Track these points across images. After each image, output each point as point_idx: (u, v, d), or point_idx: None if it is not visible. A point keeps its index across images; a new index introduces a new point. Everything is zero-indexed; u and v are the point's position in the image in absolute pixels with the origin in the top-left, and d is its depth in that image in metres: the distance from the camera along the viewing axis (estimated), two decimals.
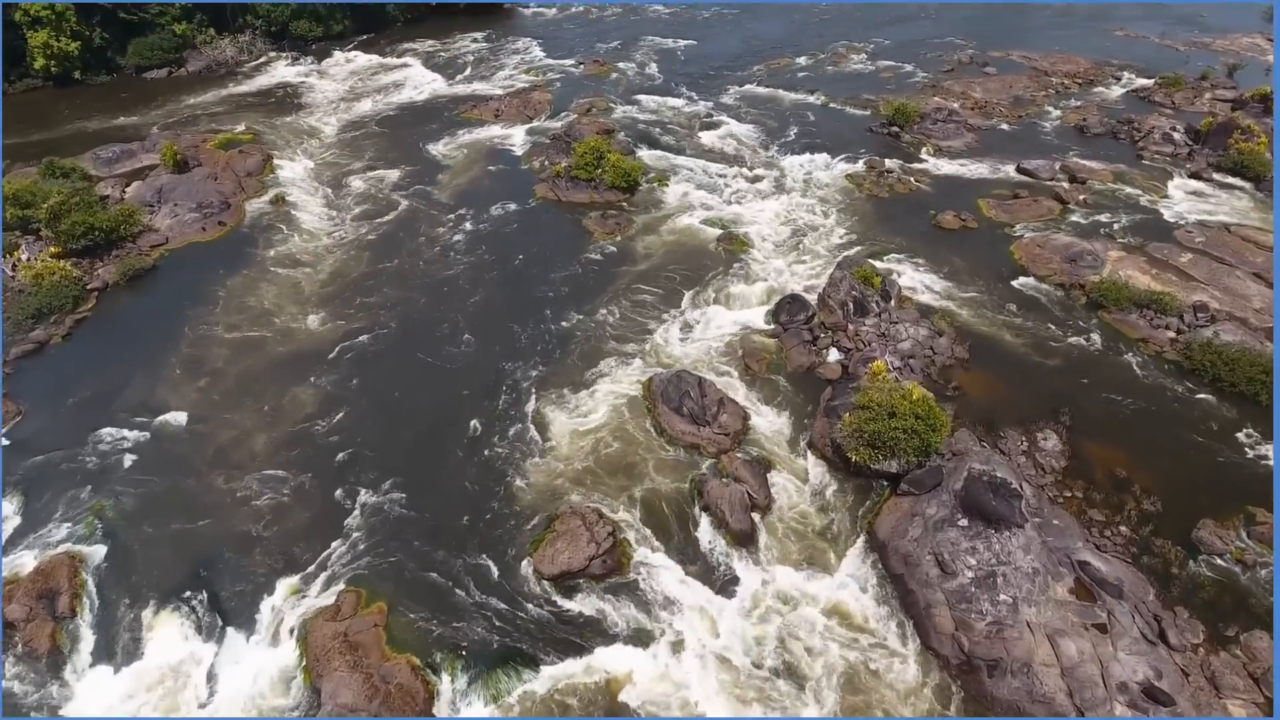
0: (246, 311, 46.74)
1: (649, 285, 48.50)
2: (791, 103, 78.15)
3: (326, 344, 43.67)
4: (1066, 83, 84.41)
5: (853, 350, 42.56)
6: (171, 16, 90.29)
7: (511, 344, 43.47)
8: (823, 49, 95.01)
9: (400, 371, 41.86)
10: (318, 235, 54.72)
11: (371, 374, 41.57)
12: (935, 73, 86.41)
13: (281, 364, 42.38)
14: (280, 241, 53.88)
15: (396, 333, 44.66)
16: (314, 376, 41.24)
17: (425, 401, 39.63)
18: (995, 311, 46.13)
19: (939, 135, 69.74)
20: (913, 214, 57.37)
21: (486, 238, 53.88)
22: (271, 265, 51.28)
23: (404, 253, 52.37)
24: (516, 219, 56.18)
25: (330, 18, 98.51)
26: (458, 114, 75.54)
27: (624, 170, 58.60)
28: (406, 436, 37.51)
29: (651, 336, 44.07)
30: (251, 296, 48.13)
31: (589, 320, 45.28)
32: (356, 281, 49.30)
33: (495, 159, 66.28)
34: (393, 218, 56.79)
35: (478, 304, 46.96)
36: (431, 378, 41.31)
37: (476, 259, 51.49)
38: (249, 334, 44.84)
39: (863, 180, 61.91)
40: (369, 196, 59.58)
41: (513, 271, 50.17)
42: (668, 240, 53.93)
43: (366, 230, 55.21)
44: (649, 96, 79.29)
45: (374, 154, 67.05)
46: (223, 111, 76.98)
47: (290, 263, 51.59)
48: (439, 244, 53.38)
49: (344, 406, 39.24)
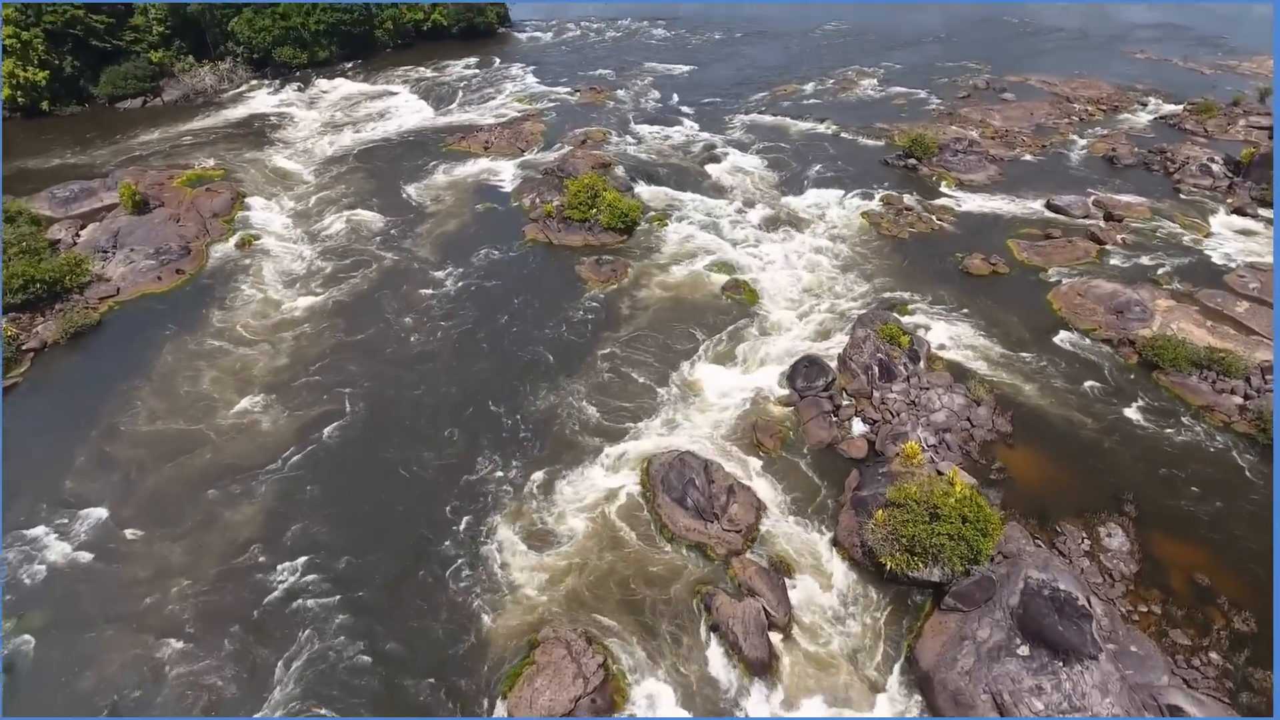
0: (180, 400, 39.36)
1: (648, 343, 43.42)
2: (800, 132, 73.51)
3: (276, 444, 36.60)
4: (1090, 109, 79.79)
5: (880, 422, 37.41)
6: (148, 44, 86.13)
7: (494, 432, 37.16)
8: (831, 74, 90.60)
9: (363, 480, 34.54)
10: (280, 291, 49.05)
11: (327, 482, 34.48)
12: (950, 99, 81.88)
13: (217, 471, 35.06)
14: (238, 300, 48.04)
15: (360, 426, 37.60)
16: (258, 486, 34.34)
17: (391, 517, 32.63)
18: (1037, 374, 41.00)
19: (960, 168, 64.96)
20: (936, 257, 52.42)
21: (469, 294, 48.40)
22: (222, 334, 44.46)
23: (375, 318, 46.08)
24: (503, 268, 51.17)
25: (315, 44, 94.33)
26: (445, 146, 70.94)
27: (621, 210, 53.78)
28: (367, 563, 30.69)
29: (650, 407, 38.89)
30: (193, 375, 41.02)
31: (580, 392, 39.87)
32: (318, 358, 42.40)
33: (483, 196, 61.51)
34: (366, 270, 51.18)
35: (457, 381, 40.73)
36: (400, 486, 34.24)
37: (458, 321, 45.68)
38: (185, 427, 37.62)
39: (880, 218, 57.02)
40: (343, 242, 54.52)
41: (498, 334, 44.48)
42: (669, 289, 48.96)
43: (336, 286, 49.39)
44: (648, 126, 74.72)
45: (353, 191, 62.31)
46: (195, 144, 72.43)
47: (243, 334, 44.52)
48: (415, 305, 47.30)
49: (292, 526, 32.27)
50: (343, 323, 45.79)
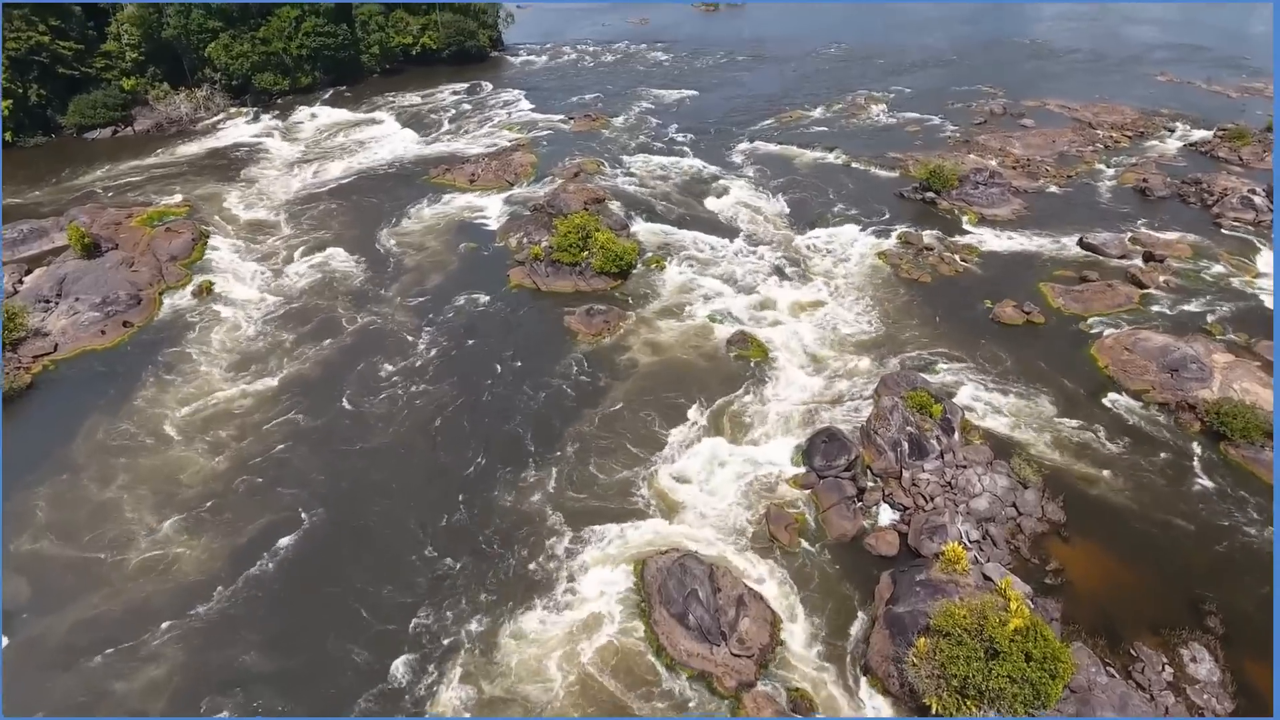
0: (83, 515, 32.40)
1: (642, 413, 38.33)
2: (808, 162, 68.86)
3: (199, 583, 29.45)
4: (1115, 135, 75.16)
5: (912, 510, 32.31)
6: (120, 70, 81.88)
7: (465, 546, 30.89)
8: (838, 98, 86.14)
9: (306, 624, 27.94)
10: (228, 361, 42.49)
11: (262, 630, 27.71)
12: (966, 125, 77.30)
13: (113, 627, 27.85)
14: (179, 373, 41.55)
15: (310, 547, 31.03)
16: (169, 645, 27.24)
17: (339, 677, 26.27)
18: (1088, 447, 35.93)
19: (981, 201, 60.17)
20: (964, 304, 47.51)
21: (446, 359, 42.65)
22: (153, 422, 37.57)
23: (337, 396, 39.49)
24: (484, 322, 46.06)
25: (298, 70, 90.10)
26: (429, 179, 66.30)
27: (615, 253, 48.95)
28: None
29: (644, 491, 33.77)
30: (106, 477, 34.23)
31: (564, 472, 34.70)
32: (265, 453, 35.77)
33: (466, 235, 56.73)
34: (329, 333, 44.81)
35: (425, 474, 34.66)
36: (352, 628, 27.77)
37: (431, 397, 39.61)
38: (80, 555, 30.56)
39: (899, 259, 52.15)
40: (309, 292, 49.23)
41: (476, 410, 38.65)
42: (667, 343, 44.02)
43: (293, 356, 42.91)
44: (646, 156, 70.12)
45: (326, 230, 57.57)
46: (163, 177, 67.87)
47: (177, 425, 37.45)
48: (384, 378, 40.92)
49: (206, 698, 25.61)
50: (298, 405, 39.12)
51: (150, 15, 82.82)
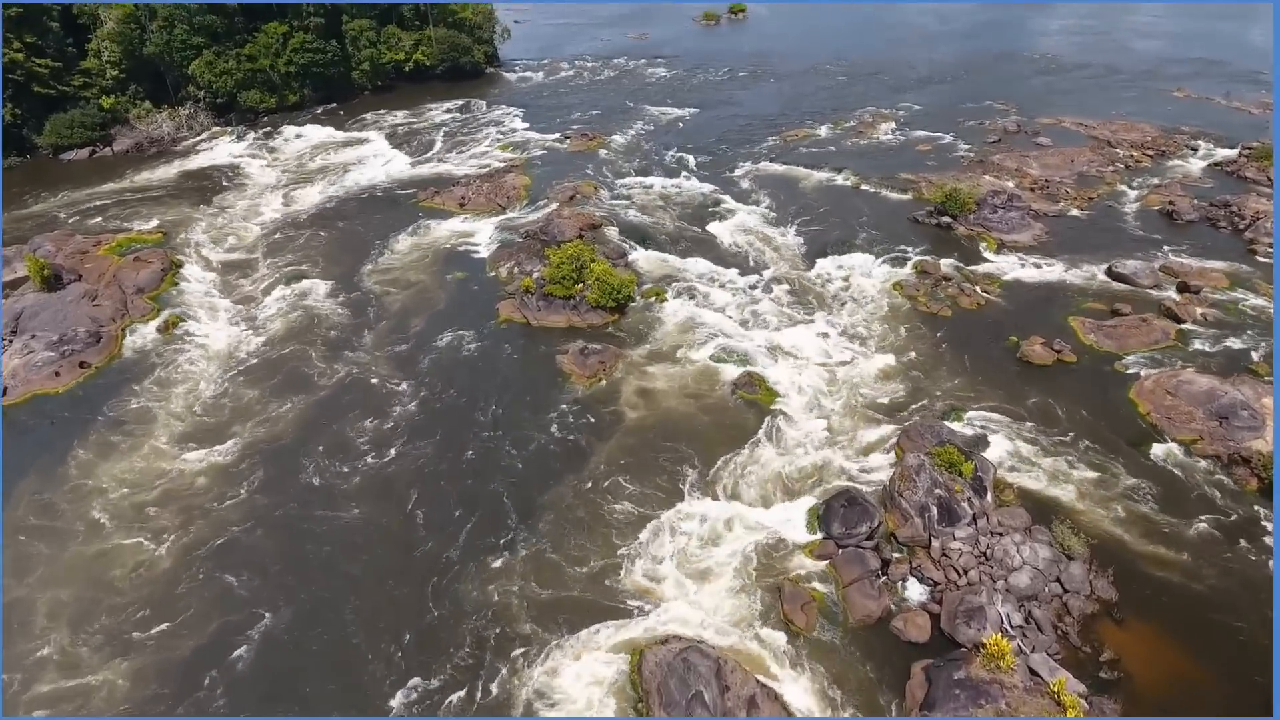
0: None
1: (638, 468, 34.81)
2: (815, 185, 65.55)
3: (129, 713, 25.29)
4: (1135, 155, 71.88)
5: (944, 585, 28.71)
6: (100, 89, 78.81)
7: (436, 651, 26.95)
8: (845, 116, 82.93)
9: None
10: (189, 416, 38.34)
11: None
12: (979, 144, 74.05)
13: None
14: (133, 428, 37.60)
15: (264, 663, 26.67)
16: None
17: None
18: (1135, 507, 32.36)
19: (1001, 226, 56.80)
20: (987, 341, 44.04)
21: (425, 409, 38.87)
22: (92, 499, 33.34)
23: (304, 463, 35.24)
24: (471, 364, 42.50)
25: (285, 87, 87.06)
26: (417, 202, 63.03)
27: (611, 286, 45.55)
28: None
29: (637, 572, 30.13)
30: (23, 566, 30.15)
31: (544, 554, 30.75)
32: (217, 538, 31.40)
33: (454, 264, 53.36)
34: (302, 385, 40.64)
35: (398, 562, 30.36)
36: None
37: (406, 455, 35.75)
38: None
39: (916, 291, 48.72)
40: (282, 333, 45.56)
41: (453, 473, 34.79)
42: (667, 386, 40.53)
43: (262, 409, 38.95)
44: (645, 178, 66.84)
45: (306, 258, 54.23)
46: (139, 200, 64.66)
47: (119, 511, 32.80)
48: (356, 439, 36.73)
49: None
50: (258, 479, 34.72)
51: (132, 31, 79.83)
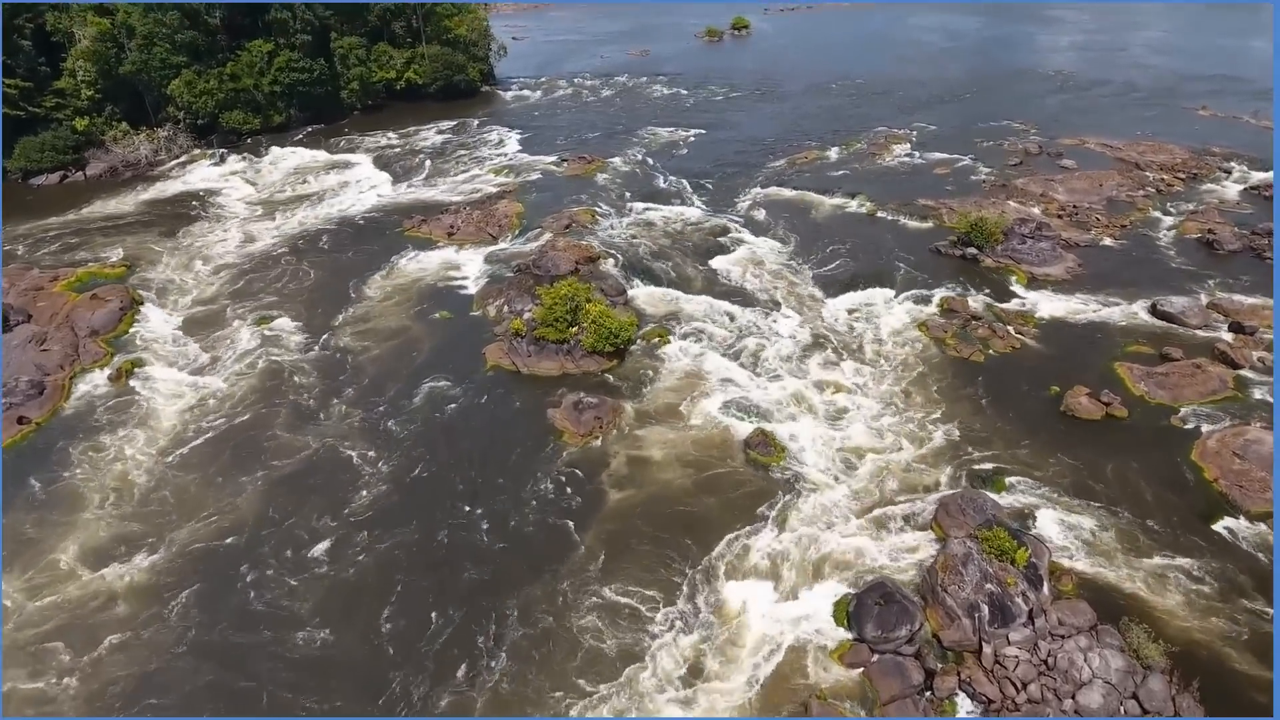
0: None
1: (637, 548, 30.37)
2: (828, 211, 61.48)
3: None
4: (1166, 178, 67.73)
5: (999, 704, 24.25)
6: (74, 109, 75.10)
7: None
8: (857, 137, 79.01)
9: None
10: (119, 508, 32.53)
11: None
12: (1000, 167, 70.00)
13: None
14: (54, 521, 32.03)
15: None
16: None
17: None
18: (1213, 602, 27.90)
19: (1030, 258, 52.56)
20: (1026, 391, 39.71)
21: (397, 487, 33.69)
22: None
23: (247, 576, 29.12)
24: (452, 423, 37.90)
25: (270, 107, 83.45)
26: (403, 231, 58.99)
27: (609, 330, 41.33)
28: None
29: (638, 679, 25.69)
30: None
31: (514, 679, 25.66)
32: (117, 693, 24.92)
33: (439, 301, 49.23)
34: (255, 459, 35.29)
35: (349, 698, 24.81)
36: None
37: (372, 551, 30.08)
38: None
39: (943, 331, 44.44)
40: (244, 392, 40.65)
41: (427, 565, 29.64)
42: (669, 446, 36.18)
43: (206, 498, 33.11)
44: (646, 205, 62.76)
45: (279, 294, 50.16)
46: (108, 229, 60.75)
47: (22, 647, 26.61)
48: (312, 538, 30.82)
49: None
50: (187, 599, 28.32)
51: (108, 50, 76.27)
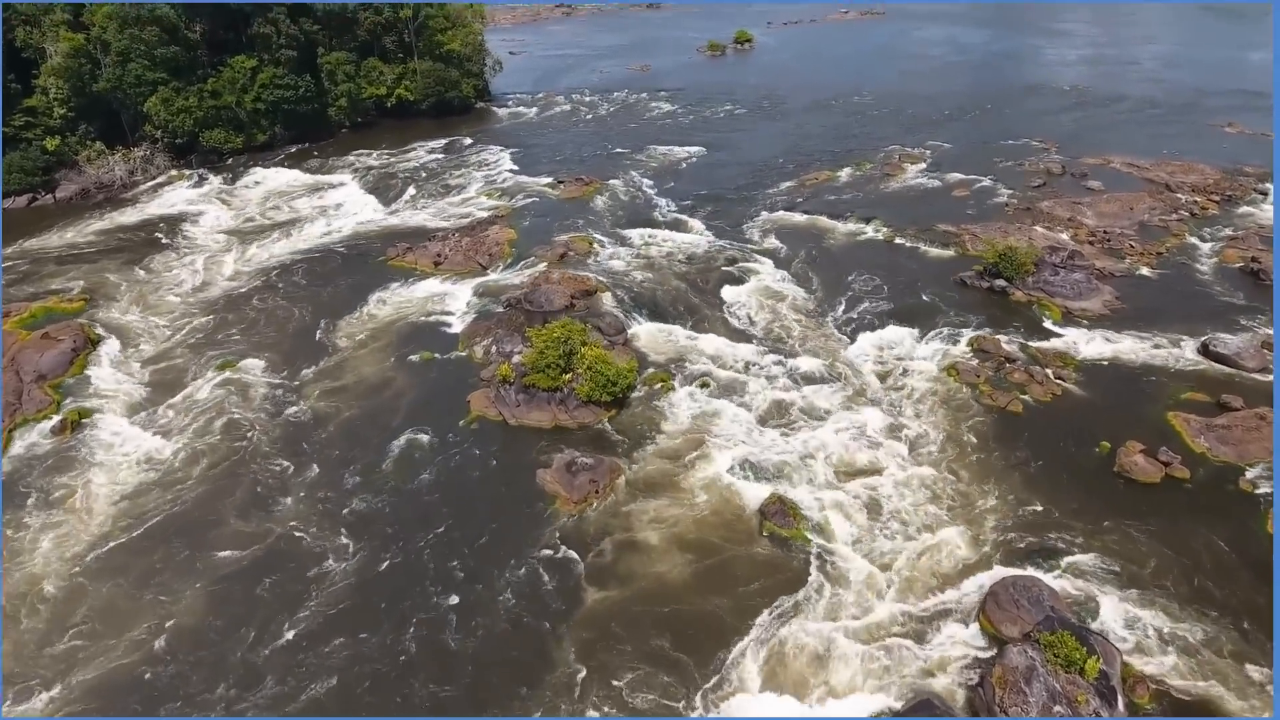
0: None
1: (630, 662, 26.03)
2: (842, 238, 57.45)
3: None
4: (1199, 200, 63.72)
5: None
6: (45, 129, 71.33)
7: None
8: (868, 156, 75.09)
9: None
10: (27, 633, 26.97)
11: None
12: (1023, 188, 66.02)
13: None
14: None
15: None
16: None
17: None
18: None
19: (1065, 291, 48.47)
20: (1073, 447, 35.52)
21: (362, 578, 28.85)
22: None
23: (189, 701, 24.46)
24: (429, 489, 33.46)
25: (253, 126, 79.65)
26: (386, 260, 54.98)
27: (606, 378, 37.21)
28: None
29: None
30: None
31: None
32: None
33: (421, 340, 45.14)
34: (200, 554, 30.12)
35: None
36: None
37: (326, 669, 25.37)
38: None
39: (976, 376, 40.28)
40: (198, 453, 36.05)
41: (392, 678, 25.89)
42: (673, 517, 31.94)
43: (136, 601, 28.16)
44: (648, 231, 58.73)
45: (248, 333, 46.12)
46: (72, 257, 56.83)
47: None
48: (260, 659, 25.75)
49: None
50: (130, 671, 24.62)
51: (82, 66, 72.58)
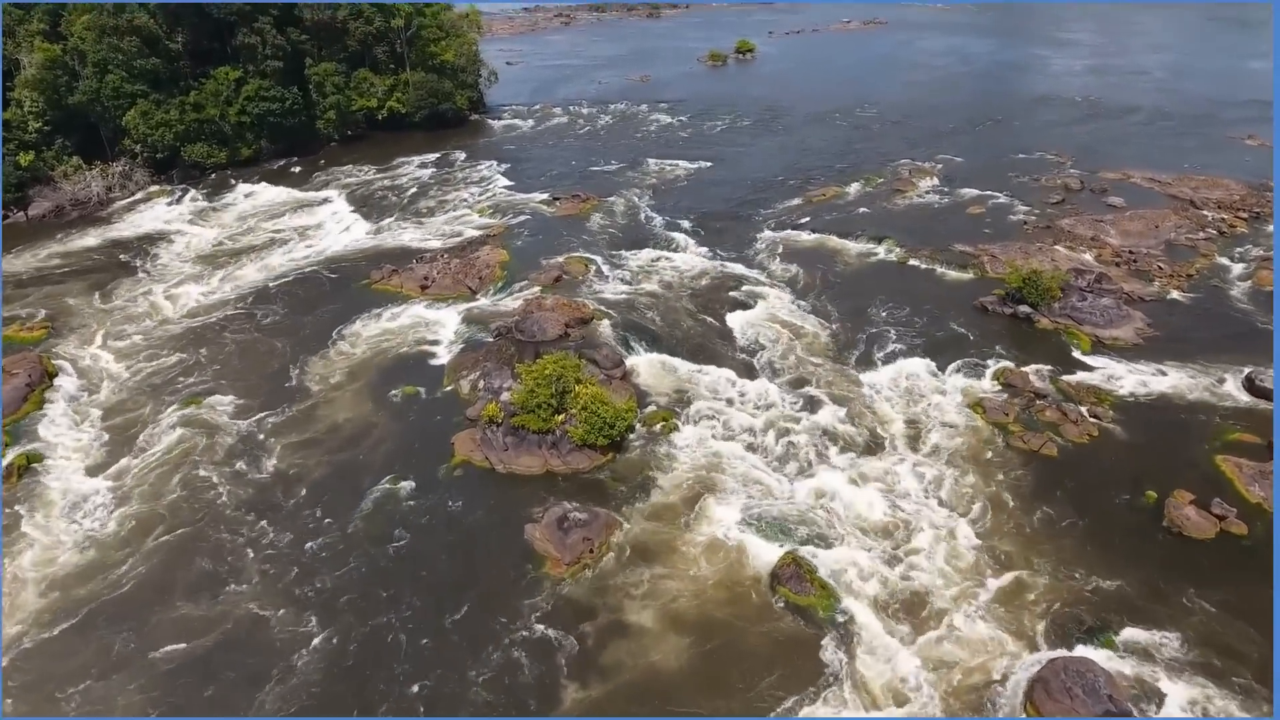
0: None
1: None
2: (854, 259, 54.37)
3: None
4: (1226, 218, 60.71)
5: None
6: (20, 143, 68.36)
7: None
8: (878, 170, 72.12)
9: None
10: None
11: None
12: (1041, 205, 62.99)
13: None
14: None
15: None
16: None
17: None
18: None
19: (1094, 318, 45.33)
20: (1116, 497, 32.32)
21: (331, 663, 25.35)
22: None
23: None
24: (404, 551, 30.03)
25: (238, 139, 76.74)
26: (370, 284, 51.86)
27: (603, 420, 33.99)
28: None
29: None
30: None
31: None
32: None
33: (404, 374, 41.98)
34: (141, 649, 26.12)
35: None
36: None
37: None
38: None
39: (1003, 414, 37.09)
40: (149, 511, 32.53)
41: None
42: (674, 590, 28.63)
43: (81, 686, 24.94)
44: (648, 252, 55.64)
45: (218, 369, 42.93)
46: (35, 281, 53.78)
47: None
48: None
49: None
50: None
51: (58, 78, 69.71)
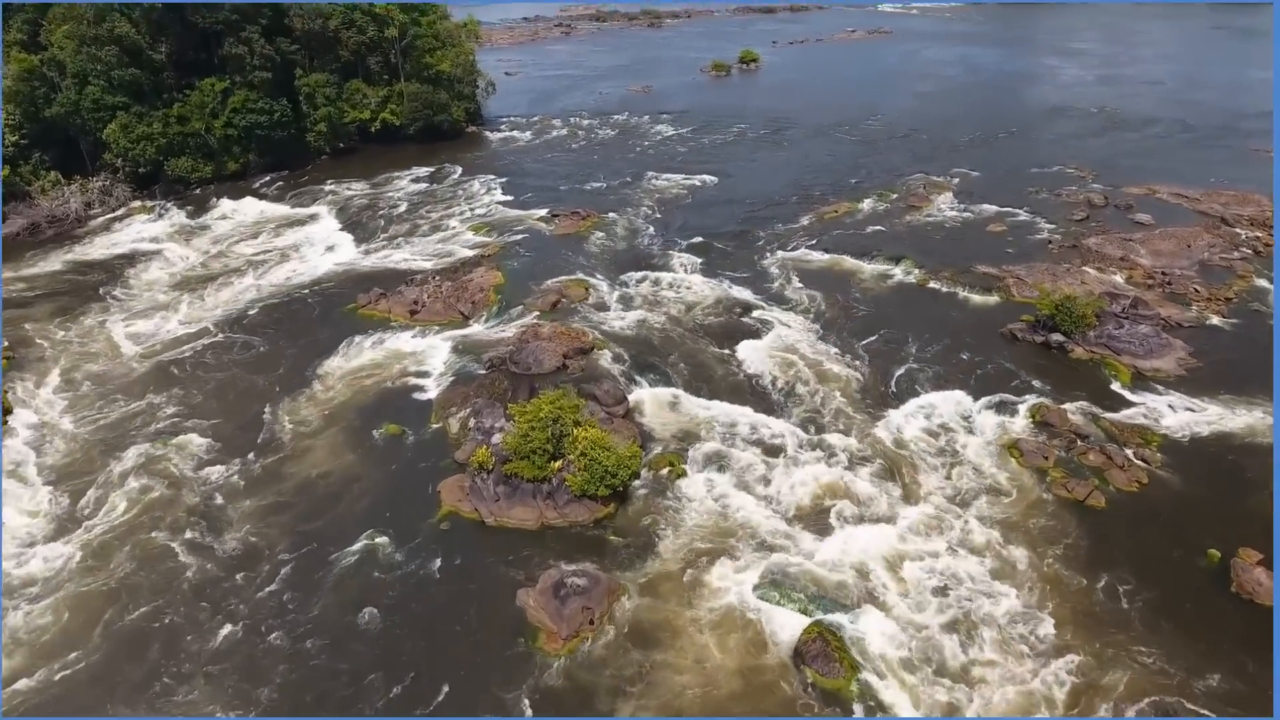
0: None
1: None
2: (870, 281, 51.18)
3: None
4: (1260, 236, 57.62)
5: None
6: None
7: None
8: (891, 185, 69.00)
9: None
10: None
11: None
12: (1064, 222, 59.85)
13: None
14: None
15: None
16: None
17: None
18: None
19: (1132, 347, 42.15)
20: (1174, 560, 29.08)
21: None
22: None
23: None
24: (379, 625, 26.65)
25: (224, 153, 73.69)
26: (357, 308, 48.73)
27: (605, 468, 30.74)
28: None
29: None
30: None
31: None
32: None
33: (388, 410, 38.75)
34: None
35: None
36: None
37: None
38: None
39: (1042, 458, 33.86)
40: (101, 585, 29.02)
41: None
42: (693, 660, 25.39)
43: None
44: (651, 274, 52.44)
45: (185, 407, 39.66)
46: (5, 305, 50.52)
47: None
48: None
49: None
50: None
51: (35, 90, 66.75)
